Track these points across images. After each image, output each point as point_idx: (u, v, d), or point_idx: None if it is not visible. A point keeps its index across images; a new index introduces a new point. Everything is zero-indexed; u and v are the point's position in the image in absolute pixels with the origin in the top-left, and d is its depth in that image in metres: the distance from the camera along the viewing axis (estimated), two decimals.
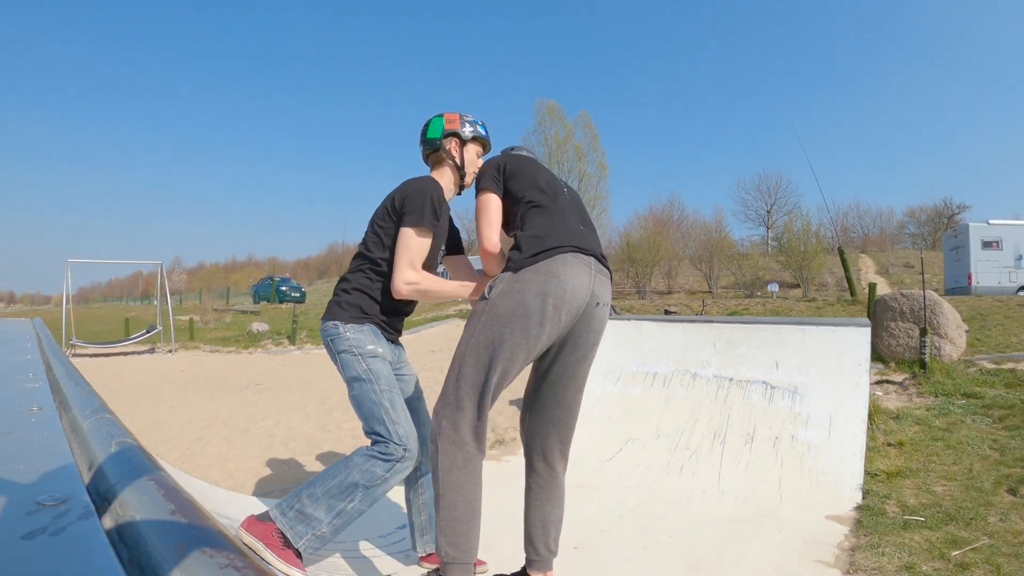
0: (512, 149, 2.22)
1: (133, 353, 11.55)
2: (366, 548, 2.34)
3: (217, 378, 8.01)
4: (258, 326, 13.96)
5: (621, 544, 2.46)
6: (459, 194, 2.18)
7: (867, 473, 3.02)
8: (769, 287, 17.89)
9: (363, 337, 1.92)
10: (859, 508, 2.72)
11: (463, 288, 1.98)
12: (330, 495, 1.76)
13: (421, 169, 2.21)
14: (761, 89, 64.07)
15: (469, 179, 2.12)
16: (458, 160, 2.08)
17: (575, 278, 1.60)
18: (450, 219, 2.20)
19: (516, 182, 1.86)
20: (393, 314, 2.04)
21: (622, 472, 3.42)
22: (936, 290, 14.52)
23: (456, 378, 1.60)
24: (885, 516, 2.57)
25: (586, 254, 1.68)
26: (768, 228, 36.58)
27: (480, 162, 2.14)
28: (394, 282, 1.88)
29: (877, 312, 6.23)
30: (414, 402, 2.15)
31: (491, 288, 1.63)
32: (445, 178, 2.10)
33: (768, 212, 37.51)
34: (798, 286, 20.28)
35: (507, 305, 1.56)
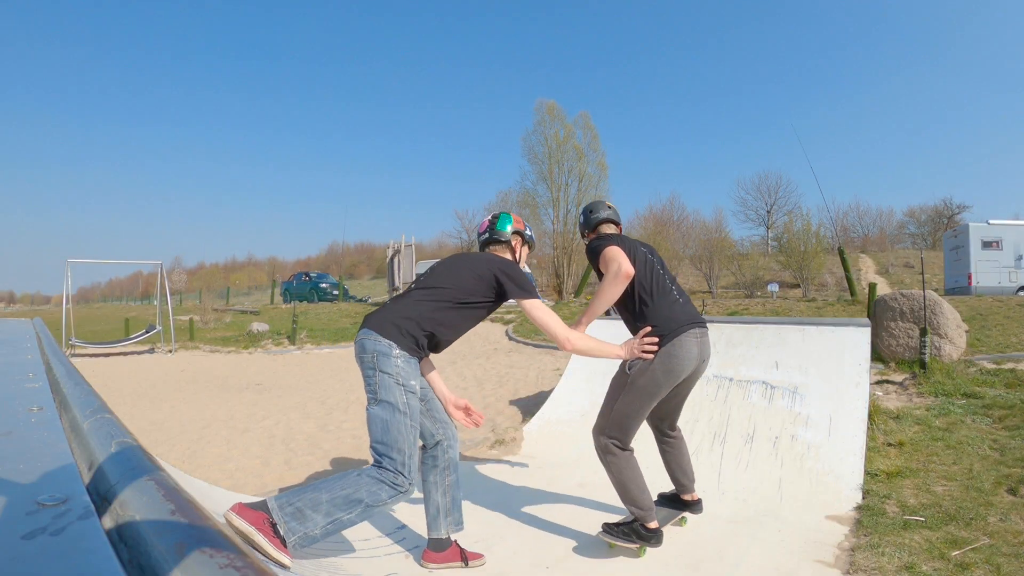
0: (594, 212, 2.71)
1: (133, 353, 11.54)
2: (366, 548, 2.34)
3: (217, 378, 8.01)
4: (258, 326, 13.95)
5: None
6: None
7: (867, 473, 3.02)
8: (769, 287, 17.88)
9: (410, 370, 2.05)
10: (859, 508, 2.72)
11: (615, 349, 2.36)
12: (333, 503, 1.88)
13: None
14: (761, 89, 64.08)
15: None
16: (517, 255, 2.48)
17: (690, 353, 2.32)
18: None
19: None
20: (434, 351, 2.25)
21: None
22: (936, 290, 14.53)
23: (609, 416, 2.39)
24: (885, 516, 2.57)
25: (693, 326, 2.36)
26: (768, 228, 36.58)
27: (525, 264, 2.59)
28: (566, 339, 2.20)
29: (877, 312, 6.22)
30: (433, 398, 2.33)
31: (631, 366, 2.35)
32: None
33: (768, 212, 37.51)
34: (798, 286, 20.27)
35: (643, 381, 2.31)
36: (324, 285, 23.57)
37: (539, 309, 2.19)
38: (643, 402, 2.32)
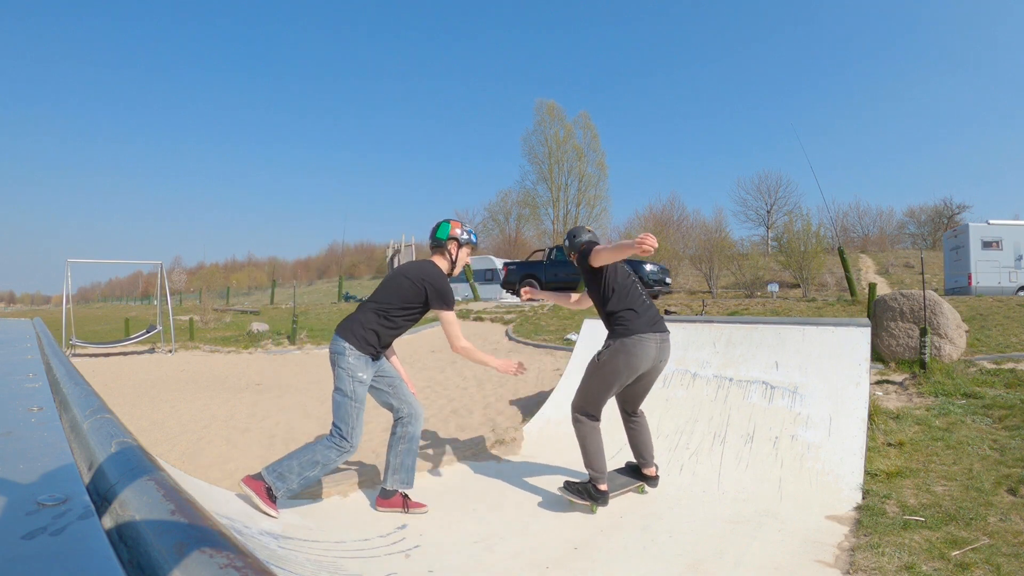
0: (577, 236, 3.27)
1: (133, 353, 11.54)
2: (366, 548, 2.34)
3: (217, 378, 8.01)
4: (258, 326, 13.94)
5: (621, 544, 2.46)
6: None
7: (867, 473, 3.02)
8: (769, 287, 17.86)
9: (359, 364, 2.72)
10: (859, 508, 2.72)
11: (491, 360, 2.91)
12: (301, 466, 2.64)
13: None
14: (762, 90, 64.05)
15: (457, 270, 2.99)
16: (454, 257, 2.97)
17: (647, 353, 2.85)
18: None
19: None
20: (384, 347, 2.87)
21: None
22: (936, 290, 14.52)
23: (581, 394, 2.92)
24: (885, 516, 2.57)
25: (655, 331, 2.90)
26: (768, 228, 36.57)
27: (468, 259, 3.11)
28: (454, 345, 2.83)
29: (877, 312, 6.22)
30: (398, 383, 2.94)
31: (599, 355, 2.90)
32: (442, 264, 2.95)
33: (768, 212, 37.50)
34: (798, 286, 20.26)
35: (607, 370, 2.86)
36: (650, 267, 14.63)
37: (449, 321, 2.81)
38: (605, 386, 2.85)
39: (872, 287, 9.23)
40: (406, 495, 2.86)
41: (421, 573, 2.16)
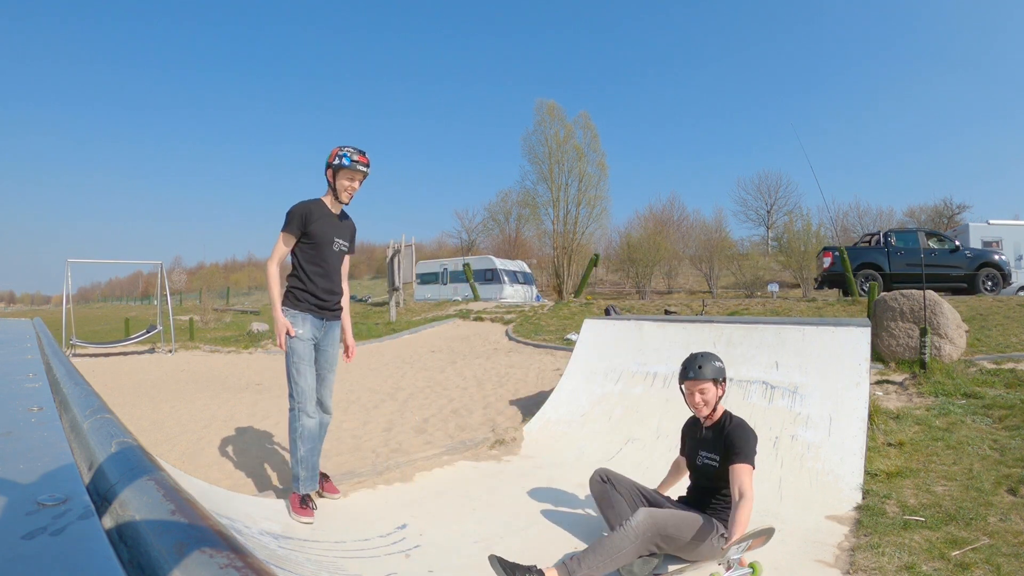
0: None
1: (133, 353, 11.54)
2: (366, 548, 2.34)
3: (217, 378, 8.00)
4: (258, 326, 13.95)
5: None
6: (345, 204, 2.93)
7: (867, 473, 3.02)
8: (769, 287, 17.86)
9: (296, 321, 2.77)
10: (859, 508, 2.72)
11: (276, 308, 2.77)
12: (292, 454, 2.76)
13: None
14: (762, 90, 64.06)
15: (342, 196, 2.86)
16: (332, 184, 2.85)
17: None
18: (348, 221, 2.99)
19: None
20: (321, 298, 2.84)
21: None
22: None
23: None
24: (885, 516, 2.57)
25: None
26: (768, 228, 36.58)
27: (354, 184, 2.85)
28: (269, 260, 2.79)
29: (877, 312, 6.22)
30: (325, 373, 2.92)
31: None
32: (329, 196, 2.89)
33: (768, 212, 37.52)
34: (798, 286, 20.28)
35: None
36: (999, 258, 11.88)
37: (278, 240, 2.78)
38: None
39: (872, 287, 9.23)
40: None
41: (421, 573, 2.16)
